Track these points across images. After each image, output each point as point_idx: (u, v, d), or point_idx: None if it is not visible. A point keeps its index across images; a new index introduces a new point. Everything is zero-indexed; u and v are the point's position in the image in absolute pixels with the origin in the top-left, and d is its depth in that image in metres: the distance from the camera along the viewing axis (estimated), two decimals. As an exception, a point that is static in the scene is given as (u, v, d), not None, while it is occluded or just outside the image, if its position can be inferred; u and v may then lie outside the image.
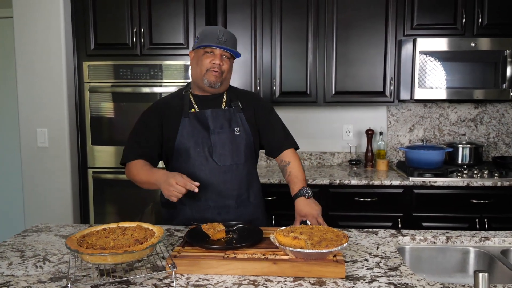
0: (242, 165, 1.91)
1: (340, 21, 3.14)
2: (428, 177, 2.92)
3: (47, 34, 2.95)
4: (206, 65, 1.83)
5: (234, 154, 1.89)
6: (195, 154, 1.86)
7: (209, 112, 1.89)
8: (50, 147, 3.02)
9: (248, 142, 1.92)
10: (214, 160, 1.86)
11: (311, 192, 1.84)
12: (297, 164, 1.94)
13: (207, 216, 1.88)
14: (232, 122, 1.91)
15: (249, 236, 1.59)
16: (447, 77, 3.04)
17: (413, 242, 1.76)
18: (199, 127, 1.87)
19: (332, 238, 1.46)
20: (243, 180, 1.91)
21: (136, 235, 1.37)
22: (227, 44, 1.83)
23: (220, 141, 1.87)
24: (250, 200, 1.95)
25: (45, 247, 1.62)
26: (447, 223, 2.89)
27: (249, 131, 1.93)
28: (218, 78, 1.85)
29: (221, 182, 1.87)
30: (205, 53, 1.84)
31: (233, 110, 1.93)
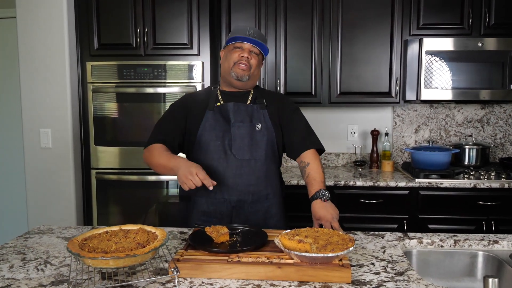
0: (262, 161, 1.90)
1: (345, 21, 3.11)
2: (434, 178, 2.88)
3: (50, 34, 2.94)
4: (234, 58, 1.88)
5: (253, 149, 1.88)
6: (215, 146, 1.88)
7: (231, 105, 1.91)
8: (54, 148, 3.01)
9: (269, 139, 1.92)
10: (233, 153, 1.87)
11: (329, 195, 1.79)
12: (316, 166, 1.89)
13: (222, 209, 1.89)
14: (254, 118, 1.92)
15: (253, 239, 1.57)
16: (454, 77, 3.00)
17: (420, 245, 1.73)
18: (221, 120, 1.90)
19: (338, 241, 1.43)
20: (261, 177, 1.90)
21: (139, 238, 1.35)
22: (256, 40, 1.88)
23: (239, 134, 1.88)
24: (268, 198, 1.93)
25: (47, 250, 1.60)
26: (454, 225, 2.86)
27: (271, 129, 1.93)
28: (246, 72, 1.88)
29: (237, 176, 1.87)
30: (234, 48, 1.89)
31: (256, 106, 1.94)
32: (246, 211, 1.90)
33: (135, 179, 3.02)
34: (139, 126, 3.01)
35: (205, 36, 2.95)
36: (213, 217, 1.91)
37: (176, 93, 2.95)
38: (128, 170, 3.03)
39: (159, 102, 2.97)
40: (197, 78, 2.94)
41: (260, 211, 1.92)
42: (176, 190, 3.03)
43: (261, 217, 1.92)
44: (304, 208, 1.92)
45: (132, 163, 3.02)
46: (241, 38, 1.87)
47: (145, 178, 3.01)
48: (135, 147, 3.00)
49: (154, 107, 2.98)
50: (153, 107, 2.98)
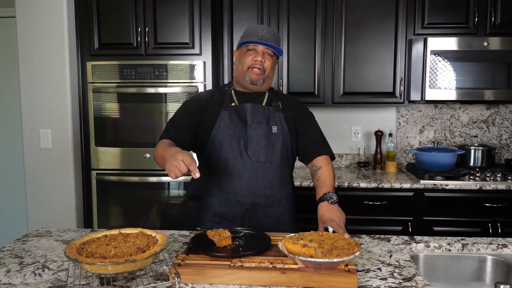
0: (277, 164, 1.87)
1: (348, 20, 3.06)
2: (439, 180, 2.84)
3: (50, 34, 2.91)
4: (248, 62, 1.84)
5: (269, 152, 1.85)
6: (230, 147, 1.84)
7: (248, 106, 1.88)
8: (53, 149, 2.97)
9: (284, 142, 1.89)
10: (248, 155, 1.84)
11: (336, 198, 1.75)
12: (328, 170, 1.86)
13: (235, 211, 1.86)
14: (270, 120, 1.89)
15: (256, 243, 1.53)
16: (459, 77, 2.96)
17: (428, 249, 1.68)
18: (237, 121, 1.86)
19: (343, 246, 1.39)
20: (275, 180, 1.87)
21: (138, 243, 1.31)
22: (269, 41, 1.83)
23: (256, 136, 1.85)
24: (281, 202, 1.90)
25: (45, 253, 1.56)
26: (459, 228, 2.81)
27: (287, 132, 1.90)
28: (260, 76, 1.85)
29: (252, 178, 1.84)
30: (247, 51, 1.85)
31: (272, 108, 1.91)
32: (259, 214, 1.87)
33: (136, 180, 2.98)
34: (140, 127, 2.97)
35: (206, 36, 2.91)
36: (225, 219, 1.87)
37: (177, 93, 2.91)
38: (129, 171, 2.99)
39: (160, 103, 2.93)
40: (199, 78, 2.90)
41: (273, 215, 1.89)
42: (177, 192, 2.99)
43: (273, 221, 1.88)
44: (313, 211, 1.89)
45: (133, 164, 2.99)
46: (254, 41, 1.82)
47: (146, 179, 2.97)
48: (136, 147, 2.97)
49: (155, 107, 2.94)
50: (154, 107, 2.94)
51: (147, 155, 2.96)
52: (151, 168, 2.97)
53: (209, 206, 1.90)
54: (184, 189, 2.98)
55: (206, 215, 1.90)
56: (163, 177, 2.97)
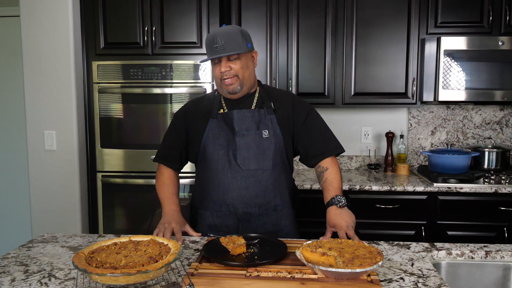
0: (269, 171, 1.78)
1: (360, 19, 2.99)
2: (453, 183, 2.76)
3: (55, 33, 2.84)
4: (218, 75, 1.76)
5: (259, 159, 1.77)
6: (219, 157, 1.78)
7: (234, 113, 1.79)
8: (58, 150, 2.91)
9: (277, 147, 1.79)
10: (238, 163, 1.76)
11: (345, 201, 1.70)
12: (334, 171, 1.80)
13: (228, 222, 1.80)
14: (261, 124, 1.79)
15: (272, 250, 1.46)
16: (472, 77, 2.88)
17: (449, 257, 1.61)
18: (225, 129, 1.79)
19: (365, 255, 1.32)
20: (268, 187, 1.79)
21: (150, 251, 1.24)
22: (226, 47, 1.67)
23: (245, 144, 1.77)
24: (276, 209, 1.82)
25: (51, 261, 1.50)
26: (474, 232, 2.74)
27: (279, 135, 1.80)
28: (235, 84, 1.74)
29: (243, 188, 1.77)
30: (214, 64, 1.76)
31: (263, 111, 1.81)
32: (253, 224, 1.80)
33: (141, 182, 2.92)
34: (146, 128, 2.91)
35: (215, 35, 2.84)
36: (219, 230, 1.82)
37: (184, 93, 2.85)
38: (134, 174, 2.93)
39: (167, 103, 2.87)
40: (206, 78, 2.84)
41: (268, 223, 1.81)
42: (182, 194, 2.93)
43: (269, 230, 1.81)
44: (318, 214, 1.83)
45: (138, 166, 2.93)
46: (212, 57, 1.70)
47: (152, 182, 2.91)
48: (142, 149, 2.91)
49: (162, 108, 2.87)
50: (160, 108, 2.87)
51: (153, 157, 2.88)
52: (157, 170, 2.90)
53: (203, 218, 1.85)
54: (189, 193, 2.92)
55: (202, 227, 1.85)
56: (170, 179, 2.90)
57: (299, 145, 1.85)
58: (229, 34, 1.70)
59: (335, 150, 1.85)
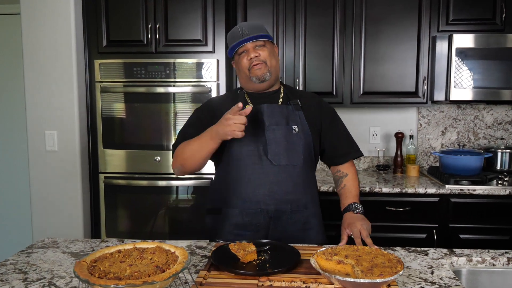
0: (300, 167, 1.73)
1: (369, 17, 2.91)
2: (465, 184, 2.68)
3: (57, 31, 2.77)
4: (245, 64, 1.73)
5: (290, 154, 1.71)
6: (247, 152, 1.71)
7: (265, 107, 1.74)
8: (60, 151, 2.84)
9: (307, 143, 1.75)
10: (269, 158, 1.69)
11: (362, 208, 1.70)
12: (354, 178, 1.82)
13: (258, 220, 1.72)
14: (290, 120, 1.75)
15: (284, 257, 1.39)
16: (485, 76, 2.80)
17: (470, 264, 1.53)
18: (253, 124, 1.72)
19: (384, 263, 1.25)
20: (299, 184, 1.73)
21: (156, 260, 1.17)
22: (252, 33, 1.71)
23: (275, 138, 1.71)
24: (307, 207, 1.76)
25: (51, 268, 1.43)
26: (487, 235, 2.66)
27: (308, 132, 1.76)
28: (264, 69, 1.72)
29: (275, 183, 1.70)
30: (239, 56, 1.74)
31: (291, 107, 1.77)
32: (284, 222, 1.72)
33: (144, 184, 2.85)
34: (150, 128, 2.83)
35: (220, 33, 2.77)
36: (248, 230, 1.73)
37: (188, 93, 2.77)
38: (137, 175, 2.86)
39: (170, 103, 2.79)
40: (212, 77, 2.76)
41: (299, 221, 1.75)
42: (186, 196, 2.85)
43: (299, 228, 1.75)
44: (334, 217, 1.77)
45: (142, 167, 2.85)
46: (237, 43, 1.71)
47: (155, 183, 2.84)
48: (145, 150, 2.83)
49: (166, 108, 2.80)
50: (164, 108, 2.80)
51: (157, 158, 2.83)
52: (160, 171, 2.84)
53: (230, 218, 1.75)
54: (193, 194, 2.84)
55: (227, 227, 1.76)
56: (173, 181, 2.83)
57: (325, 144, 1.83)
58: (254, 24, 1.76)
59: (357, 153, 1.87)
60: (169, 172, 2.83)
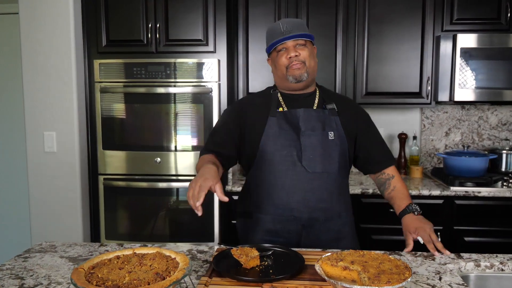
0: (335, 174, 1.69)
1: (372, 16, 2.88)
2: (470, 186, 2.65)
3: (55, 31, 2.73)
4: (284, 63, 1.67)
5: (325, 161, 1.67)
6: (281, 157, 1.66)
7: (301, 112, 1.69)
8: (58, 152, 2.80)
9: (342, 150, 1.70)
10: (303, 165, 1.65)
11: (420, 210, 1.67)
12: (401, 179, 1.79)
13: (290, 228, 1.68)
14: (326, 125, 1.70)
15: (288, 263, 1.35)
16: (490, 76, 2.77)
17: (478, 269, 1.49)
18: (287, 128, 1.68)
19: (391, 269, 1.21)
20: (334, 192, 1.69)
21: (156, 266, 1.13)
22: (294, 32, 1.65)
23: (311, 144, 1.66)
24: (341, 216, 1.73)
25: (48, 273, 1.39)
26: (492, 238, 2.63)
27: (344, 138, 1.71)
28: (302, 69, 1.67)
29: (308, 191, 1.65)
30: (278, 53, 1.68)
31: (327, 112, 1.72)
32: (317, 230, 1.69)
33: (145, 186, 2.81)
34: (150, 129, 2.80)
35: (221, 32, 2.73)
36: (280, 236, 1.69)
37: (189, 93, 2.73)
38: (138, 177, 2.82)
39: (170, 103, 2.75)
40: (213, 77, 2.72)
41: (332, 230, 1.71)
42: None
43: (333, 237, 1.71)
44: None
45: (142, 169, 2.81)
46: (278, 40, 1.66)
47: (156, 185, 2.80)
48: (145, 151, 2.80)
49: (166, 108, 2.76)
50: (165, 108, 2.76)
51: (157, 159, 2.79)
52: (161, 173, 2.80)
53: (262, 223, 1.71)
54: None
55: (258, 233, 1.72)
56: (173, 182, 2.80)
57: (361, 150, 1.78)
58: (296, 21, 1.71)
59: (392, 161, 1.83)
60: (169, 174, 2.79)
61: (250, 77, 2.96)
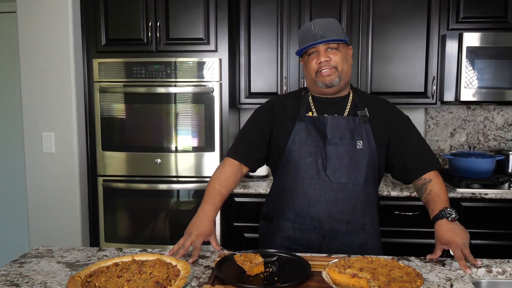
0: (361, 186, 1.61)
1: (376, 14, 2.82)
2: (477, 188, 2.60)
3: (54, 30, 2.69)
4: (314, 67, 1.62)
5: (351, 171, 1.60)
6: (306, 164, 1.61)
7: (329, 119, 1.63)
8: (57, 153, 2.75)
9: (371, 160, 1.62)
10: (327, 174, 1.59)
11: (456, 214, 1.52)
12: (440, 182, 1.61)
13: (310, 237, 1.63)
14: (355, 134, 1.62)
15: (293, 270, 1.30)
16: (496, 76, 2.71)
17: (489, 275, 1.44)
18: (314, 134, 1.63)
19: (402, 277, 1.16)
20: (358, 204, 1.62)
21: (156, 274, 1.08)
22: (325, 35, 1.58)
23: (337, 154, 1.60)
24: (365, 228, 1.65)
25: (44, 280, 1.34)
26: (499, 241, 2.57)
27: (374, 147, 1.62)
28: (333, 75, 1.60)
29: (331, 202, 1.60)
30: (309, 56, 1.63)
31: (358, 119, 1.64)
32: (338, 242, 1.63)
33: (145, 187, 2.76)
34: (150, 130, 2.75)
35: (223, 31, 2.68)
36: (300, 245, 1.65)
37: (190, 93, 2.68)
38: (137, 178, 2.77)
39: (171, 103, 2.70)
40: (214, 77, 2.67)
41: (355, 243, 1.64)
42: (188, 200, 2.77)
43: (355, 250, 1.64)
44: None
45: (142, 170, 2.77)
46: (309, 45, 1.60)
47: (156, 187, 2.75)
48: (145, 152, 2.75)
49: (167, 108, 2.71)
50: (165, 108, 2.71)
51: (157, 160, 2.74)
52: (161, 174, 2.75)
53: (282, 230, 1.67)
54: (194, 198, 2.76)
55: (278, 239, 1.67)
56: (174, 184, 2.75)
57: (395, 158, 1.67)
58: (329, 23, 1.62)
59: (436, 164, 1.67)
60: (170, 175, 2.75)
61: (252, 77, 2.91)
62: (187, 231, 1.53)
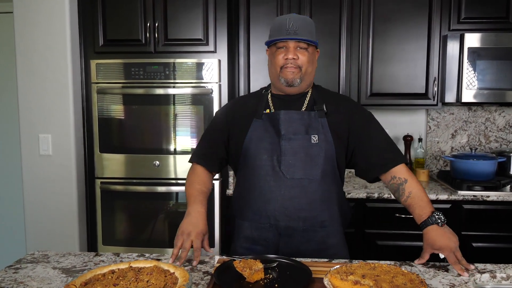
0: (317, 181, 1.58)
1: (377, 15, 2.80)
2: (479, 190, 2.57)
3: (51, 30, 2.66)
4: (280, 62, 1.59)
5: (307, 167, 1.57)
6: (262, 161, 1.59)
7: (281, 114, 1.61)
8: (54, 155, 2.72)
9: (328, 154, 1.59)
10: (281, 170, 1.57)
11: (444, 218, 1.49)
12: (416, 182, 1.56)
13: (267, 235, 1.61)
14: (310, 128, 1.59)
15: (294, 276, 1.27)
16: (498, 77, 2.69)
17: (493, 280, 1.42)
18: (270, 131, 1.61)
19: (405, 284, 1.13)
20: (316, 200, 1.58)
21: (154, 282, 1.05)
22: (299, 33, 1.56)
23: (291, 149, 1.58)
24: (324, 225, 1.61)
25: (40, 286, 1.31)
26: (501, 243, 2.55)
27: (331, 141, 1.59)
28: (296, 74, 1.58)
29: (286, 199, 1.57)
30: (277, 49, 1.60)
31: (314, 114, 1.61)
32: (296, 240, 1.60)
33: (143, 190, 2.73)
34: (149, 132, 2.72)
35: (222, 32, 2.65)
36: (258, 244, 1.62)
37: (188, 94, 2.65)
38: (136, 180, 2.74)
39: (170, 105, 2.67)
40: (213, 78, 2.64)
41: (313, 240, 1.61)
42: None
43: (314, 248, 1.60)
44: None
45: (140, 172, 2.74)
46: (281, 38, 1.57)
47: (154, 189, 2.72)
48: (143, 154, 2.72)
49: (164, 109, 2.68)
50: (164, 110, 2.68)
51: (156, 163, 2.71)
52: (160, 176, 2.72)
53: (241, 230, 1.66)
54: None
55: (239, 239, 1.66)
56: (173, 186, 2.72)
57: (357, 155, 1.63)
58: (306, 21, 1.61)
59: (402, 159, 1.61)
60: (168, 178, 2.72)
61: (252, 78, 2.88)
62: (184, 232, 1.50)
